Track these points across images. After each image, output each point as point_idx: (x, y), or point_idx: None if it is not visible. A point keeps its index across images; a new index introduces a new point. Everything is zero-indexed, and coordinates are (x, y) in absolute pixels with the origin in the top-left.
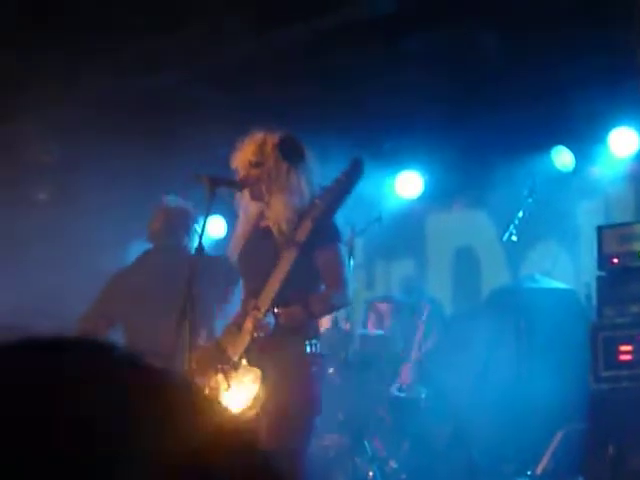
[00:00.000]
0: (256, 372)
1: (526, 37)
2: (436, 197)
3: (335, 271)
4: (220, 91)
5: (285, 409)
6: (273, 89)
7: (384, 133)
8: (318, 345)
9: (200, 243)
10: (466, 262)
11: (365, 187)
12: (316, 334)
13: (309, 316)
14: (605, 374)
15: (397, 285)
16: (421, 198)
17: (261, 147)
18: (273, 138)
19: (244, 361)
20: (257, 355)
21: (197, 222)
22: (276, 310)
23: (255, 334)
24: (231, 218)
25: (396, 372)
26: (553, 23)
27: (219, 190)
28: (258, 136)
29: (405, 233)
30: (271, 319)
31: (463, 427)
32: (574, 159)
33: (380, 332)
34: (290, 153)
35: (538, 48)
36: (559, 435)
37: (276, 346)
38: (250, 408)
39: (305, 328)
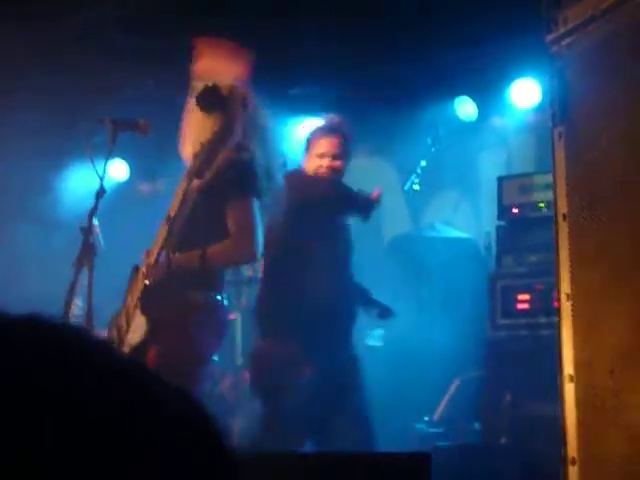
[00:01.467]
0: (142, 320)
1: None
2: None
3: (240, 222)
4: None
5: (167, 356)
6: (180, 32)
7: (290, 79)
8: (215, 295)
9: (101, 185)
10: None
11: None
12: (214, 285)
13: (204, 265)
14: (503, 322)
15: None
16: None
17: None
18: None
19: (138, 307)
20: (146, 301)
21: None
22: (169, 257)
23: (145, 279)
24: (133, 161)
25: None
26: None
27: (122, 134)
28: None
29: None
30: (163, 265)
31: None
32: (477, 109)
33: None
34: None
35: None
36: (456, 382)
37: (170, 294)
38: (138, 352)
39: (208, 276)
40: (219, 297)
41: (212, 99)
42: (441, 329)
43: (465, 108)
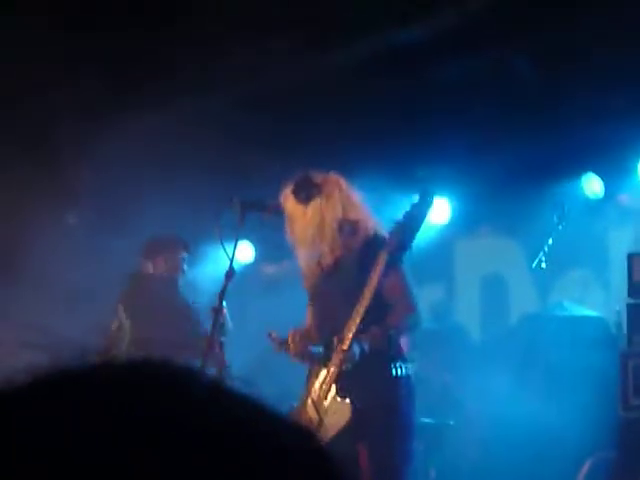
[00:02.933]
0: (345, 405)
1: (557, 64)
2: (464, 224)
3: (405, 294)
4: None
5: (384, 436)
6: (309, 118)
7: (416, 160)
8: (404, 367)
9: (231, 267)
10: (494, 289)
11: (398, 213)
12: (400, 356)
13: (389, 338)
14: (635, 402)
15: (426, 311)
16: (450, 225)
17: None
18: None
19: (332, 393)
20: (345, 385)
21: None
22: (362, 340)
23: (342, 366)
24: (259, 244)
25: None
26: (585, 50)
27: (250, 215)
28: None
29: (434, 260)
30: (356, 349)
31: (490, 456)
32: (604, 186)
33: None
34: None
35: (569, 75)
36: (588, 464)
37: (364, 373)
38: (342, 439)
39: (388, 351)
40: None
41: (306, 188)
42: (571, 410)
43: (592, 185)
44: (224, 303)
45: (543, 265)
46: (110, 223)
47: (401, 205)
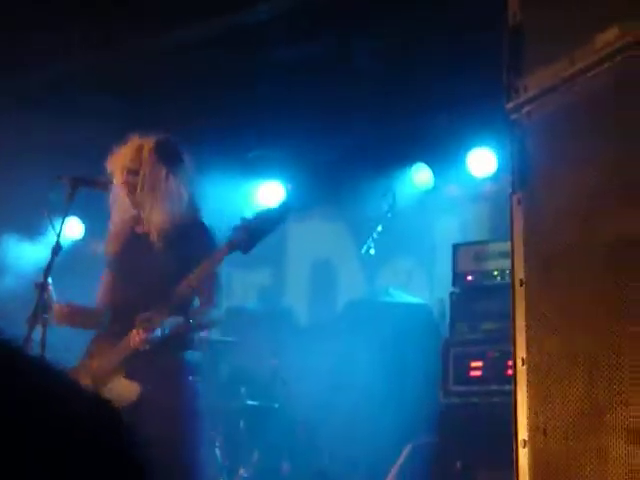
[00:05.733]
0: (133, 385)
1: (394, 53)
2: (297, 207)
3: (214, 290)
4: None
5: (169, 425)
6: (149, 93)
7: (251, 141)
8: (193, 354)
9: (57, 242)
10: (323, 273)
11: (228, 195)
12: (192, 344)
13: (190, 329)
14: (455, 389)
15: (254, 294)
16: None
17: (138, 152)
18: (149, 142)
19: (121, 372)
20: (135, 365)
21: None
22: (165, 324)
23: (141, 346)
24: (89, 220)
25: None
26: (421, 40)
27: (80, 190)
28: (135, 141)
29: (264, 242)
30: (158, 332)
31: (315, 438)
32: (433, 177)
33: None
34: (168, 157)
35: (407, 65)
36: (408, 448)
37: (156, 356)
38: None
39: (183, 339)
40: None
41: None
42: (393, 394)
43: (422, 175)
44: (49, 279)
45: (372, 251)
46: None
47: (225, 184)
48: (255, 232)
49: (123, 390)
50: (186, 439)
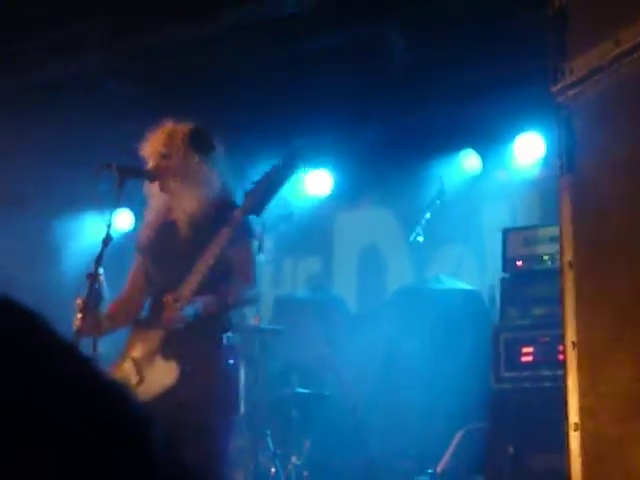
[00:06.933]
0: (171, 366)
1: (434, 39)
2: (344, 196)
3: (247, 267)
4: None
5: (205, 406)
6: (186, 85)
7: (294, 132)
8: (232, 337)
9: (108, 234)
10: (372, 261)
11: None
12: (230, 327)
13: (224, 308)
14: (506, 375)
15: (304, 282)
16: (330, 196)
17: (171, 138)
18: (183, 129)
19: (159, 353)
20: (173, 347)
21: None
22: (197, 302)
23: (173, 325)
24: (139, 211)
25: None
26: (461, 26)
27: (128, 181)
28: (168, 126)
29: (313, 231)
30: (190, 311)
31: (365, 425)
32: (482, 162)
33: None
34: (200, 145)
35: (447, 51)
36: (460, 434)
37: (193, 338)
38: (166, 399)
39: (220, 319)
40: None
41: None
42: (445, 381)
43: (470, 161)
44: (101, 270)
45: (420, 239)
46: None
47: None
48: (265, 193)
49: (162, 372)
50: (220, 422)
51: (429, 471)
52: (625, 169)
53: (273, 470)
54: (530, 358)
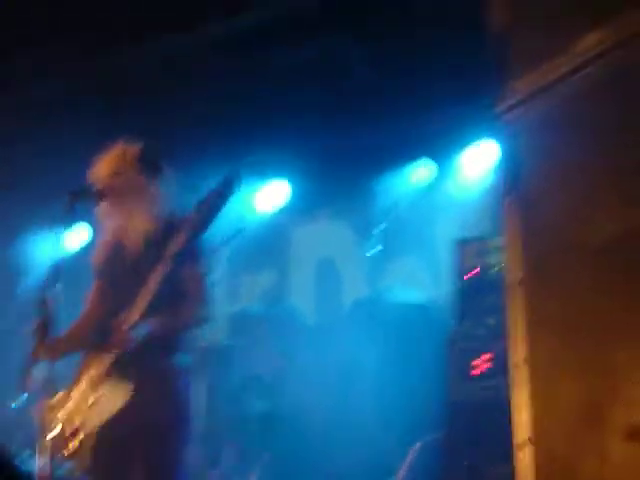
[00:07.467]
0: (124, 387)
1: (388, 53)
2: (300, 209)
3: (197, 287)
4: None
5: (160, 424)
6: (136, 100)
7: (250, 144)
8: (185, 357)
9: (57, 260)
10: (329, 274)
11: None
12: (182, 347)
13: (174, 329)
14: (462, 385)
15: (259, 297)
16: (285, 209)
17: (121, 158)
18: (133, 149)
19: (110, 376)
20: (124, 369)
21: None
22: (147, 322)
23: (123, 347)
24: (95, 224)
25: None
26: (413, 41)
27: (79, 203)
28: (118, 147)
29: (269, 244)
30: (140, 331)
31: (324, 438)
32: (434, 173)
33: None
34: (150, 165)
35: (400, 64)
36: (417, 447)
37: (146, 359)
38: (120, 420)
39: (171, 340)
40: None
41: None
42: (401, 393)
43: (421, 172)
44: (53, 292)
45: (379, 247)
46: None
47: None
48: (208, 211)
49: (113, 394)
50: (175, 441)
51: None
52: (565, 190)
53: None
54: (485, 367)
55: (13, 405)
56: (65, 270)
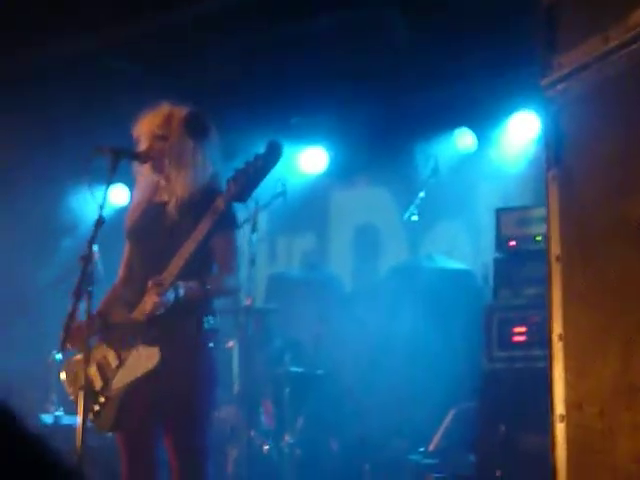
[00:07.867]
0: (153, 350)
1: (432, 19)
2: (340, 174)
3: (230, 256)
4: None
5: (187, 387)
6: (181, 66)
7: (291, 109)
8: (213, 321)
9: (101, 216)
10: (367, 239)
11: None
12: (211, 311)
13: (205, 296)
14: (498, 354)
15: (298, 260)
16: (325, 174)
17: (168, 120)
18: (180, 112)
19: (140, 339)
20: (154, 332)
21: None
22: (179, 286)
23: (155, 310)
24: (133, 186)
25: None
26: (458, 8)
27: (122, 162)
28: (165, 109)
29: (308, 209)
30: (171, 295)
31: (359, 403)
32: (476, 141)
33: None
34: (196, 130)
35: (443, 31)
36: (452, 413)
37: (174, 322)
38: (148, 381)
39: (202, 305)
40: (214, 322)
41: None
42: (437, 360)
43: (464, 139)
44: (95, 249)
45: (414, 217)
46: None
47: None
48: (248, 181)
49: (143, 356)
50: (202, 404)
51: (421, 449)
52: (608, 165)
53: (266, 448)
54: (522, 338)
55: (56, 355)
56: (107, 228)
